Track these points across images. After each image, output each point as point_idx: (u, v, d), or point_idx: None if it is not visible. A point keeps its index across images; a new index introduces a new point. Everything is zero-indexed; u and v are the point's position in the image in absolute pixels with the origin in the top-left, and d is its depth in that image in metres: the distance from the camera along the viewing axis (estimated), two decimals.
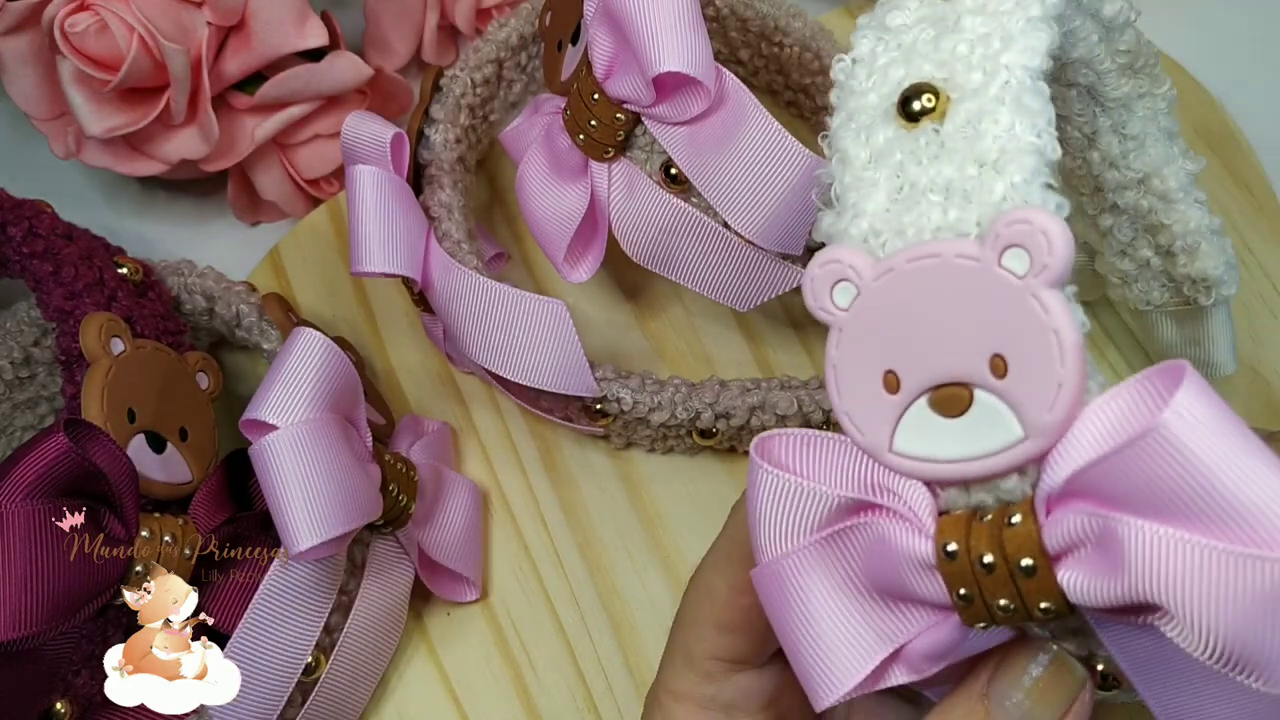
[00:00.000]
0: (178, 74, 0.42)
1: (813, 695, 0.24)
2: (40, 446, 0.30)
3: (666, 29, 0.33)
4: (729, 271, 0.37)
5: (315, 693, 0.36)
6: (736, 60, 0.49)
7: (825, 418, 0.40)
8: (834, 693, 0.24)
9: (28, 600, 0.29)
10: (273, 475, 0.32)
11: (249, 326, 0.41)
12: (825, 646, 0.24)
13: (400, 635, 0.39)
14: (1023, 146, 0.22)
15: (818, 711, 0.24)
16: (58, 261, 0.38)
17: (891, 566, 0.23)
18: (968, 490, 0.22)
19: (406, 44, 0.50)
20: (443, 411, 0.44)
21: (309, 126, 0.46)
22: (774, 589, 0.25)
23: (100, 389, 0.34)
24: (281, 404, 0.33)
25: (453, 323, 0.39)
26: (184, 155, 0.45)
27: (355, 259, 0.38)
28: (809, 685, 0.24)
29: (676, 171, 0.36)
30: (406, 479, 0.37)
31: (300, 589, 0.34)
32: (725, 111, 0.34)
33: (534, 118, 0.40)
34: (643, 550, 0.41)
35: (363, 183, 0.38)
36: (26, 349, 0.42)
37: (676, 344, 0.45)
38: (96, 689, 0.32)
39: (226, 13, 0.43)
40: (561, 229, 0.38)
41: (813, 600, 0.24)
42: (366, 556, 0.37)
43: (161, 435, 0.35)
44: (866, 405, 0.23)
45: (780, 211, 0.34)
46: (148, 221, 0.50)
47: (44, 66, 0.45)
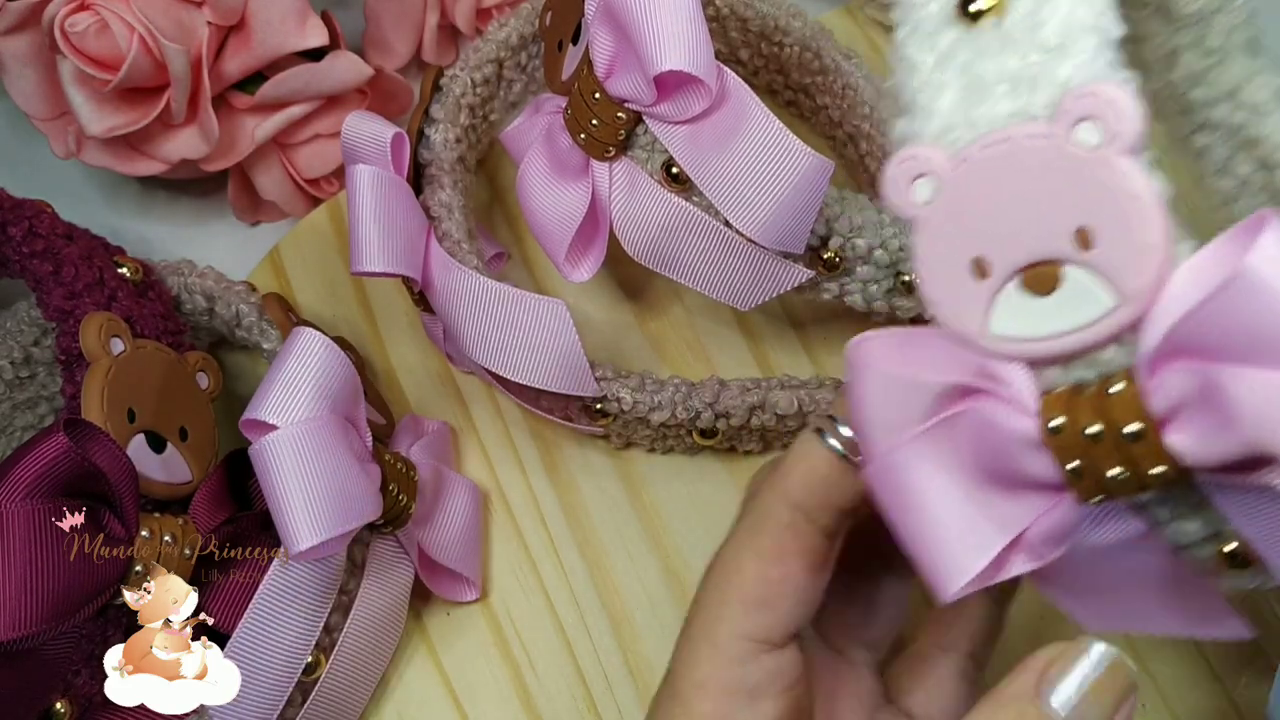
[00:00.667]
0: (178, 74, 0.42)
1: (936, 588, 0.24)
2: (40, 446, 0.30)
3: (667, 28, 0.33)
4: (730, 271, 0.37)
5: (315, 692, 0.36)
6: (737, 60, 0.49)
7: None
8: (957, 583, 0.24)
9: (27, 600, 0.29)
10: (272, 475, 0.32)
11: (249, 326, 0.41)
12: (945, 538, 0.24)
13: (400, 635, 0.39)
14: (1084, 27, 0.22)
15: (943, 603, 0.24)
16: (58, 261, 0.38)
17: (1001, 450, 0.23)
18: (1066, 367, 0.23)
19: (407, 44, 0.50)
20: (443, 411, 0.44)
21: (309, 126, 0.46)
22: (889, 484, 0.25)
23: (100, 389, 0.34)
24: (281, 404, 0.33)
25: (453, 322, 0.39)
26: (184, 155, 0.45)
27: (355, 259, 0.38)
28: (932, 578, 0.24)
29: (678, 170, 0.36)
30: (406, 479, 0.37)
31: (300, 589, 0.34)
32: (726, 110, 0.34)
33: (534, 117, 0.40)
34: (643, 550, 0.41)
35: (363, 182, 0.38)
36: (27, 349, 0.42)
37: (676, 343, 0.45)
38: (96, 689, 0.32)
39: (227, 12, 0.43)
40: (562, 228, 0.38)
41: (928, 492, 0.25)
42: (366, 556, 0.37)
43: (161, 435, 0.35)
44: (958, 294, 0.23)
45: (781, 210, 0.34)
46: (148, 221, 0.50)
47: (44, 66, 0.45)
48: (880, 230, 0.38)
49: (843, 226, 0.37)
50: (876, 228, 0.38)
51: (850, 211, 0.37)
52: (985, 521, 0.24)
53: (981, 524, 0.24)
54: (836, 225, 0.37)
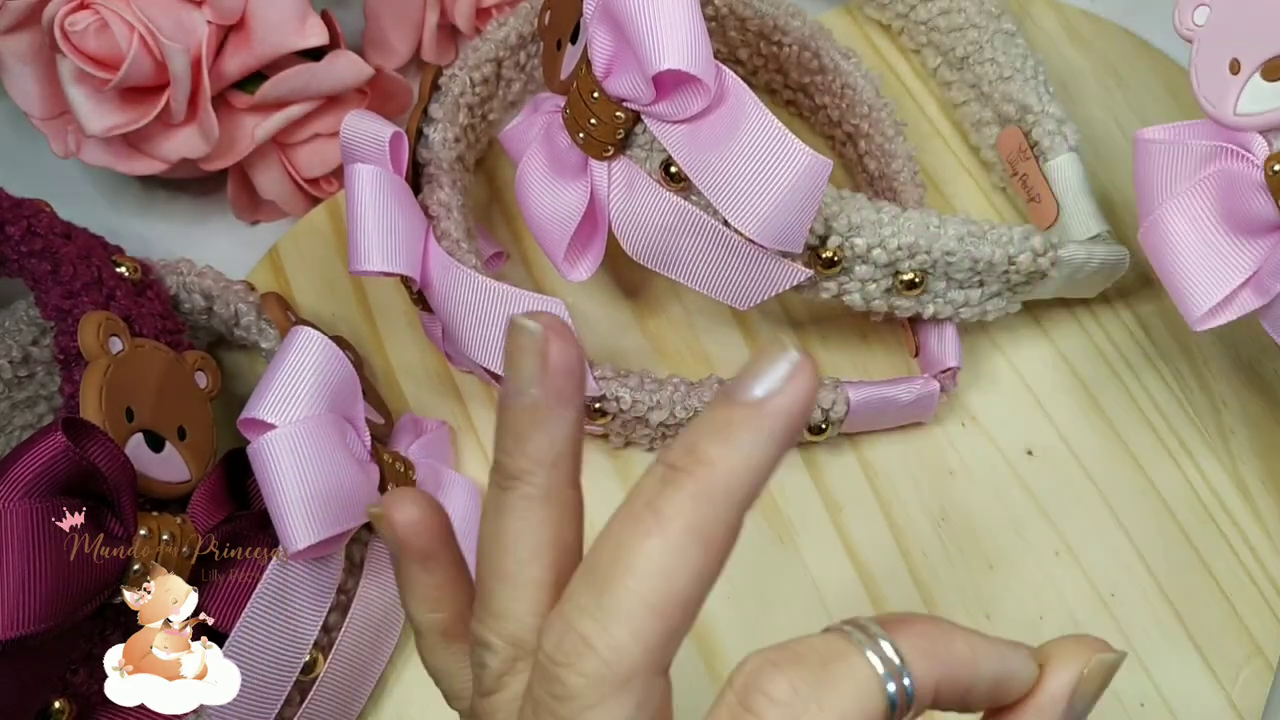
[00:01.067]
0: (178, 73, 0.42)
1: (1187, 316, 0.35)
2: (38, 445, 0.30)
3: (666, 27, 0.33)
4: (728, 270, 0.37)
5: (313, 692, 0.36)
6: (736, 59, 0.49)
7: (824, 416, 0.40)
8: (1201, 309, 0.35)
9: (25, 599, 0.29)
10: (271, 474, 0.32)
11: (247, 325, 0.41)
12: (1194, 277, 0.35)
13: (399, 634, 0.39)
14: None
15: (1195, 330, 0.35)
16: (56, 260, 0.38)
17: (1240, 195, 0.33)
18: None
19: (406, 43, 0.50)
20: (441, 411, 0.44)
21: (309, 126, 0.46)
22: (1155, 236, 0.35)
23: (98, 388, 0.34)
24: (280, 403, 0.33)
25: (452, 322, 0.39)
26: (184, 154, 0.45)
27: (354, 258, 0.38)
28: (1183, 308, 0.35)
29: (676, 170, 0.36)
30: (405, 478, 0.37)
31: (298, 588, 0.34)
32: (725, 109, 0.34)
33: (533, 116, 0.40)
34: None
35: (361, 182, 0.38)
36: (25, 348, 0.42)
37: (675, 343, 0.45)
38: (95, 688, 0.32)
39: (226, 12, 0.43)
40: (561, 228, 0.38)
41: (1181, 241, 0.35)
42: (365, 555, 0.37)
43: (160, 434, 0.35)
44: (1219, 87, 0.34)
45: (780, 209, 0.34)
46: (147, 220, 0.50)
47: (44, 65, 0.45)
48: (879, 229, 0.38)
49: (841, 226, 0.37)
50: (875, 227, 0.38)
51: (849, 211, 0.37)
52: (1223, 264, 0.35)
53: (1220, 266, 0.35)
54: (835, 224, 0.37)
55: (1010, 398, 0.44)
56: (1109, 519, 0.42)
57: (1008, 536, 0.41)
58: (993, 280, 0.40)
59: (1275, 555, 0.41)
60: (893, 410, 0.41)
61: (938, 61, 0.50)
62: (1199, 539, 0.41)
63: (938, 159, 0.49)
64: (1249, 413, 0.44)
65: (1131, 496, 0.42)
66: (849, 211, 0.37)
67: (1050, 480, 0.42)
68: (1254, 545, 0.41)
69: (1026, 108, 0.45)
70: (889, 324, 0.44)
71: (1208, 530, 0.42)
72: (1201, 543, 0.41)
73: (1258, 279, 0.34)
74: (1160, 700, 0.39)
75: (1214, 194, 0.34)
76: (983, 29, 0.47)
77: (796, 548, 0.41)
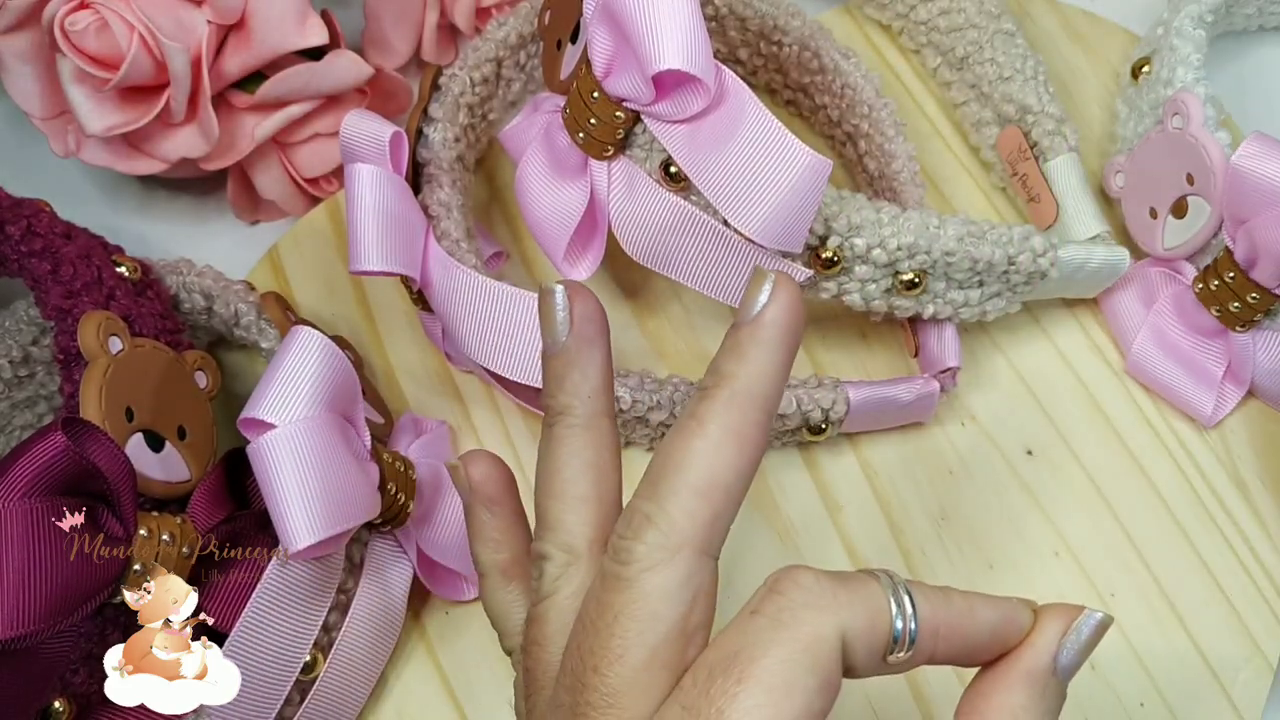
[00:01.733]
0: (178, 73, 0.42)
1: (1199, 420, 0.43)
2: (38, 445, 0.30)
3: (666, 27, 0.33)
4: (728, 270, 0.37)
5: (313, 691, 0.36)
6: (736, 59, 0.49)
7: (824, 416, 0.40)
8: (1206, 411, 0.43)
9: (25, 599, 0.29)
10: (270, 474, 0.32)
11: (247, 325, 0.41)
12: (1186, 389, 0.43)
13: (399, 634, 0.39)
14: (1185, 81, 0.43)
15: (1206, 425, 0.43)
16: (56, 260, 0.38)
17: (1186, 311, 0.43)
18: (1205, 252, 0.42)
19: (406, 43, 0.50)
20: (441, 411, 0.44)
21: (309, 125, 0.46)
22: (1143, 372, 0.44)
23: (98, 388, 0.34)
24: (279, 402, 0.33)
25: (451, 321, 0.39)
26: (184, 154, 0.45)
27: (354, 258, 0.38)
28: (1192, 414, 0.43)
29: (676, 170, 0.36)
30: (405, 478, 0.37)
31: (298, 588, 0.34)
32: (725, 109, 0.34)
33: (533, 116, 0.40)
34: None
35: (361, 181, 0.38)
36: (25, 348, 0.42)
37: (675, 342, 0.45)
38: (95, 688, 0.32)
39: (226, 11, 0.43)
40: (561, 227, 0.38)
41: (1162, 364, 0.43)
42: (365, 555, 0.37)
43: (160, 434, 0.35)
44: (1146, 230, 0.44)
45: (780, 210, 0.34)
46: (147, 220, 0.50)
47: (44, 65, 0.45)
48: (879, 230, 0.38)
49: (841, 226, 0.37)
50: (875, 227, 0.38)
51: (849, 211, 0.37)
52: (1202, 366, 0.42)
53: (1200, 368, 0.42)
54: (835, 224, 0.37)
55: (1010, 398, 0.44)
56: (1109, 519, 0.42)
57: (1007, 536, 0.41)
58: (992, 280, 0.40)
59: (1275, 554, 0.41)
60: (893, 410, 0.41)
61: (937, 61, 0.50)
62: (1199, 539, 0.41)
63: (938, 159, 0.49)
64: (1249, 412, 0.44)
65: (1131, 496, 0.42)
66: (849, 212, 0.37)
67: (1050, 480, 0.42)
68: (1253, 545, 0.41)
69: (1026, 108, 0.45)
70: (889, 324, 0.44)
71: (1207, 530, 0.42)
72: (1201, 542, 0.41)
73: (1231, 372, 0.42)
74: (1160, 700, 0.39)
75: (1173, 311, 0.43)
76: (982, 29, 0.48)
77: (796, 548, 0.41)
